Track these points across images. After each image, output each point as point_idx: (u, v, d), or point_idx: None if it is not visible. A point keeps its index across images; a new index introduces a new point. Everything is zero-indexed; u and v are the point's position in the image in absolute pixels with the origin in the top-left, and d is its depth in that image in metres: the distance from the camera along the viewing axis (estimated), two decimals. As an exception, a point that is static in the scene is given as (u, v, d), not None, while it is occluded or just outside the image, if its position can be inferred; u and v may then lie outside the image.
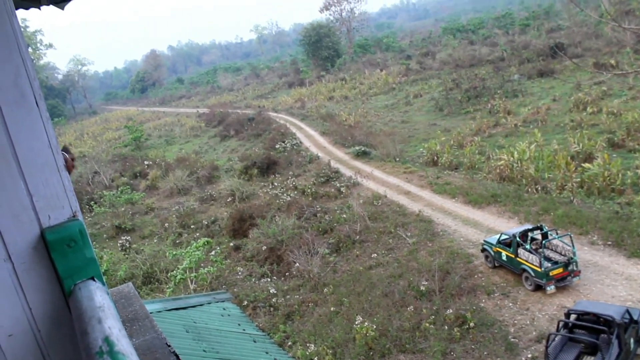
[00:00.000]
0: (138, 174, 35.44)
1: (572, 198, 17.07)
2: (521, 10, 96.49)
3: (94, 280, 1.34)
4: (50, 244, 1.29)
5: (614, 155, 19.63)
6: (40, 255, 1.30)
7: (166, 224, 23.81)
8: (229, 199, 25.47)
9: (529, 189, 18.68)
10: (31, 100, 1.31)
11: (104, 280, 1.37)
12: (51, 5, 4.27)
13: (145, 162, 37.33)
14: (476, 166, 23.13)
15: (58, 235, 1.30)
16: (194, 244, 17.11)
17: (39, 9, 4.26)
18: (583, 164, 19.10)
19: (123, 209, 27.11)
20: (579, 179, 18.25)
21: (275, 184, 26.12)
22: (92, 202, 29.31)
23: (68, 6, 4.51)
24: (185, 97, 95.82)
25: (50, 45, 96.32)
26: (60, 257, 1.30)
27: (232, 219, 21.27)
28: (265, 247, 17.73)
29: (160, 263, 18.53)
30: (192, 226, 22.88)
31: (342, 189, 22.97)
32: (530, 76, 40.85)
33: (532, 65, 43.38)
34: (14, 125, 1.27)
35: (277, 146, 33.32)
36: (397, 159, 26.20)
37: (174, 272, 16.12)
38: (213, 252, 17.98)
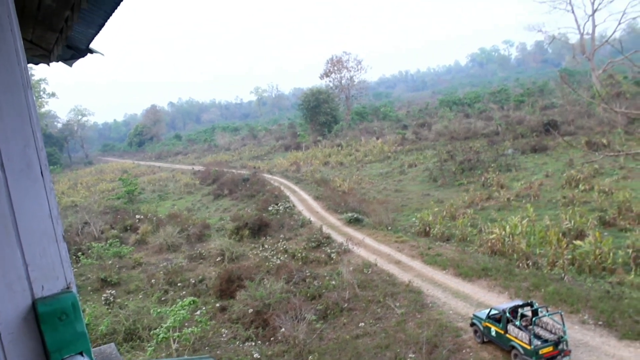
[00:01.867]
0: (129, 228, 35.20)
1: (563, 275, 17.01)
2: (516, 87, 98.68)
3: (82, 355, 1.31)
4: (41, 316, 1.27)
5: (606, 234, 19.73)
6: (30, 326, 1.28)
7: (153, 280, 23.50)
8: (218, 259, 25.24)
9: (520, 264, 18.62)
10: (37, 170, 1.33)
11: (92, 356, 1.35)
12: (60, 62, 4.35)
13: (137, 216, 37.14)
14: (468, 239, 23.12)
15: (50, 308, 1.28)
16: (180, 303, 16.82)
17: (48, 65, 4.34)
18: (574, 241, 19.14)
19: (110, 262, 26.77)
20: (570, 256, 18.24)
21: (266, 246, 25.98)
22: (80, 253, 28.95)
23: (76, 64, 4.60)
24: (181, 153, 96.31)
25: (53, 94, 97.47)
26: (51, 330, 1.28)
27: (220, 279, 21.04)
28: (251, 309, 17.47)
29: (143, 320, 18.16)
30: (179, 284, 22.58)
31: (332, 255, 22.85)
32: (524, 151, 41.39)
33: (526, 141, 44.02)
34: (18, 194, 1.28)
35: (270, 208, 33.29)
36: (389, 228, 26.19)
37: (157, 330, 15.78)
38: (198, 312, 17.69)
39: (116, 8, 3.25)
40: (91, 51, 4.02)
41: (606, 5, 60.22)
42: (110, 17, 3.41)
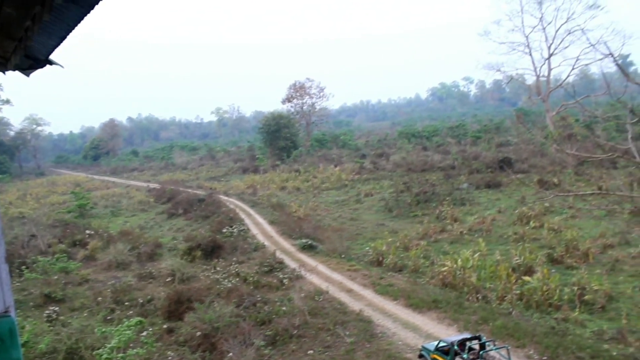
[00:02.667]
0: (78, 243, 34.30)
1: (511, 310, 17.26)
2: (474, 123, 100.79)
3: (16, 382, 1.25)
4: None
5: (553, 271, 20.14)
6: (-37, 350, 1.21)
7: (99, 298, 22.86)
8: (169, 279, 24.77)
9: (470, 297, 18.82)
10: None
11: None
12: (17, 71, 4.24)
13: (87, 231, 36.27)
14: (420, 270, 23.30)
15: (-15, 333, 1.22)
16: (126, 323, 16.40)
17: (4, 73, 4.23)
18: (523, 277, 19.47)
19: (56, 277, 25.95)
20: (518, 291, 18.53)
21: (218, 268, 25.62)
22: (24, 267, 28.01)
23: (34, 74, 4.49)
24: (137, 169, 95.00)
25: (8, 101, 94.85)
26: (-16, 356, 1.21)
27: (169, 299, 20.62)
28: (199, 332, 17.14)
29: (87, 339, 17.59)
30: (126, 303, 22.01)
31: (284, 280, 22.69)
32: (479, 186, 42.11)
33: (481, 176, 44.82)
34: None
35: (225, 230, 32.96)
36: (343, 256, 26.19)
37: (101, 350, 15.31)
38: (145, 333, 17.24)
39: (79, 22, 3.20)
40: (50, 62, 3.94)
41: (561, 51, 62.18)
42: (73, 31, 3.36)
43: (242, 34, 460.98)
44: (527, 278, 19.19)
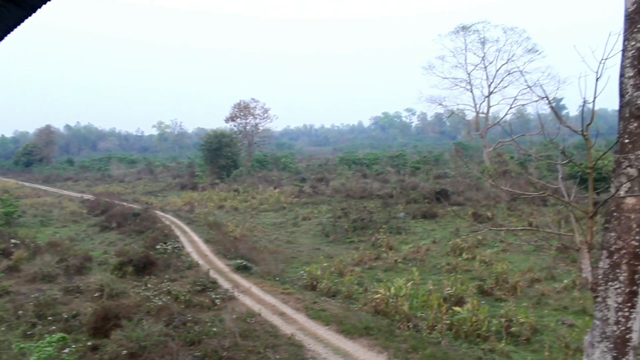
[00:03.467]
0: (1, 252, 32.89)
1: (440, 339, 17.48)
2: (414, 154, 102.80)
3: None
4: None
5: (483, 302, 20.52)
6: None
7: (20, 312, 21.87)
8: (97, 294, 23.98)
9: (401, 326, 18.96)
10: None
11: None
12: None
13: (12, 240, 34.78)
14: (354, 296, 23.34)
15: None
16: (47, 338, 15.75)
17: None
18: (454, 307, 19.75)
19: (-25, 288, 24.79)
20: (448, 321, 18.78)
21: (149, 285, 24.96)
22: (-60, 277, 26.64)
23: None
24: (72, 179, 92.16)
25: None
26: None
27: (95, 315, 19.93)
28: (125, 351, 16.62)
29: (2, 355, 16.83)
30: (49, 318, 21.12)
31: (217, 300, 22.33)
32: (415, 216, 42.79)
33: (418, 206, 45.57)
34: None
35: (158, 247, 32.26)
36: (277, 279, 26.04)
37: (18, 366, 14.68)
38: (67, 350, 16.58)
39: (19, 24, 3.11)
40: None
41: (501, 90, 64.71)
42: (11, 33, 3.26)
43: (186, 48, 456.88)
44: (457, 308, 19.51)
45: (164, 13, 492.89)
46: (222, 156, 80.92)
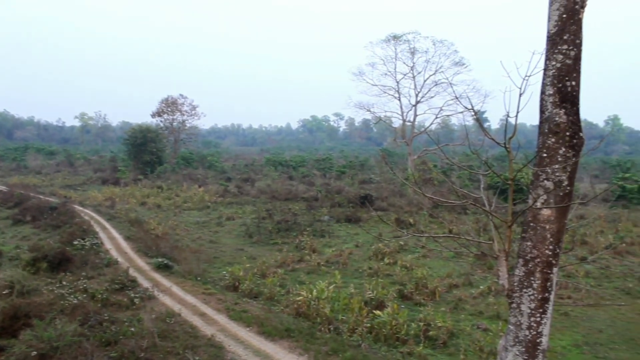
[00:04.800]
0: None
1: (360, 342, 17.70)
2: (340, 158, 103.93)
3: None
4: None
5: (402, 306, 20.94)
6: None
7: None
8: (6, 291, 22.89)
9: (322, 328, 19.07)
10: None
11: None
12: None
13: None
14: (275, 298, 23.30)
15: None
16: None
17: None
18: (374, 311, 20.04)
19: None
20: (369, 325, 19.05)
21: (64, 282, 24.03)
22: None
23: None
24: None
25: None
26: None
27: (3, 314, 18.97)
28: (35, 352, 15.92)
29: None
30: (-48, 316, 20.05)
31: (136, 300, 21.76)
32: (339, 220, 43.20)
33: (342, 210, 46.05)
34: None
35: (76, 242, 31.15)
36: (199, 279, 25.67)
37: None
38: (-29, 350, 15.80)
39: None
40: None
41: (427, 100, 66.34)
42: None
43: (116, 37, 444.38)
44: (377, 312, 19.81)
45: None
46: (147, 152, 79.15)
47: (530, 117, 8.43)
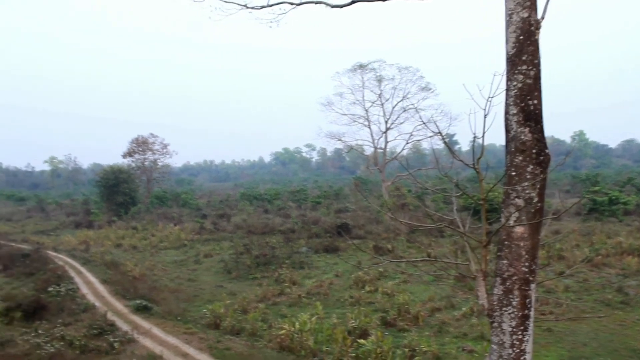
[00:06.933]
0: None
1: (345, 374, 17.58)
2: (315, 188, 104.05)
3: None
4: None
5: (386, 333, 20.87)
6: None
7: None
8: (-20, 344, 22.35)
9: (306, 361, 18.93)
10: None
11: None
12: None
13: None
14: (258, 333, 23.05)
15: None
16: None
17: None
18: (359, 340, 19.92)
19: None
20: (354, 354, 18.92)
21: (40, 331, 23.51)
22: None
23: None
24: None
25: None
26: None
27: (-21, 367, 18.59)
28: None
29: None
30: None
31: (115, 344, 21.36)
32: (317, 250, 43.09)
33: (320, 241, 45.95)
34: None
35: (51, 289, 30.56)
36: (179, 318, 25.35)
37: None
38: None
39: None
40: None
41: (397, 126, 67.29)
42: None
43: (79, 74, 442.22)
44: (362, 341, 19.70)
45: (59, 43, 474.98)
46: (120, 193, 78.43)
47: (499, 137, 8.63)
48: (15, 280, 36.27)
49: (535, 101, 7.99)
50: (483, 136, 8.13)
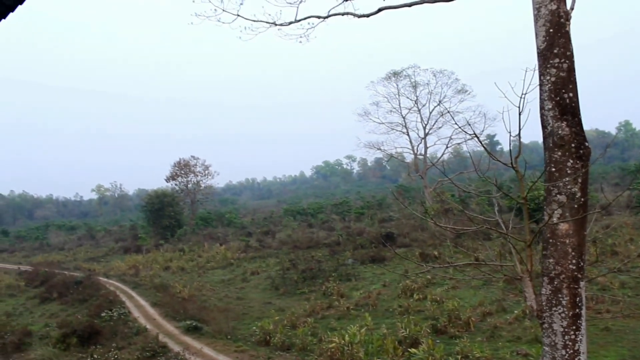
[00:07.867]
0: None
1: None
2: (357, 200, 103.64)
3: None
4: None
5: (437, 341, 20.56)
6: None
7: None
8: (39, 371, 22.90)
9: (359, 374, 18.78)
10: None
11: None
12: None
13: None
14: (308, 347, 23.00)
15: None
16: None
17: None
18: (410, 349, 19.70)
19: None
20: (405, 364, 18.73)
21: (96, 356, 23.99)
22: None
23: None
24: (7, 251, 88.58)
25: None
26: None
27: (39, 394, 19.01)
28: None
29: None
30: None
31: (168, 365, 21.67)
32: (363, 261, 42.86)
33: (365, 252, 45.72)
34: None
35: (103, 314, 31.19)
36: (229, 337, 25.50)
37: None
38: None
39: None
40: None
41: (435, 131, 66.74)
42: None
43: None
44: (413, 350, 19.47)
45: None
46: (165, 216, 79.63)
47: (540, 134, 8.45)
48: (70, 307, 37.13)
49: (571, 94, 7.80)
50: (519, 134, 7.98)
